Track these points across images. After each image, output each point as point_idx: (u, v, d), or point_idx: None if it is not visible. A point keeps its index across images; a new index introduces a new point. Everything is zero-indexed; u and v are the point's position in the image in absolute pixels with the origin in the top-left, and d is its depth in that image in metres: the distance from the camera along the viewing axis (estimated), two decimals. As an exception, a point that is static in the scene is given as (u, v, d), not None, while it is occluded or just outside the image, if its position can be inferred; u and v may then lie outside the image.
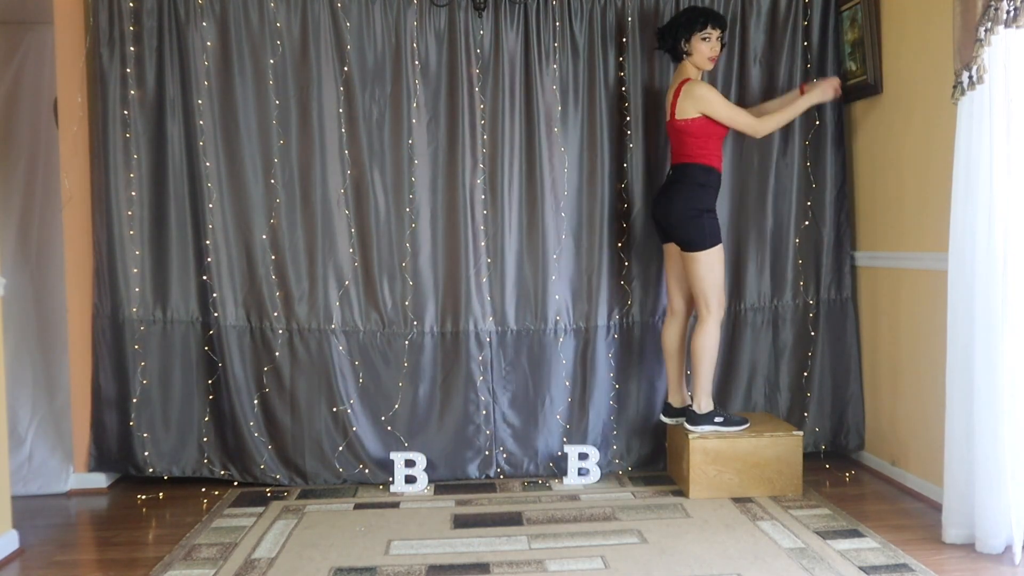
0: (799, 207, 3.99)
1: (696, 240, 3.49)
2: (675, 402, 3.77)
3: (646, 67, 3.91)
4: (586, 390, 3.90)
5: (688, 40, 3.52)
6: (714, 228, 3.52)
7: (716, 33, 3.52)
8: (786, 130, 3.96)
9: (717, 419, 3.57)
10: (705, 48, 3.51)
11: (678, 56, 3.59)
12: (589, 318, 3.91)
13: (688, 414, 3.61)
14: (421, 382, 3.85)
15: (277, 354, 3.78)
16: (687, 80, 3.52)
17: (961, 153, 2.90)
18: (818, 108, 3.97)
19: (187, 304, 3.78)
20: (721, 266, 3.55)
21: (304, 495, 3.67)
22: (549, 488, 3.73)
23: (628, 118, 3.89)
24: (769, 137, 3.97)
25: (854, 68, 3.90)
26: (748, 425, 3.59)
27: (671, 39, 3.56)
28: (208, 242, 3.73)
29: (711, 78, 3.93)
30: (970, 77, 2.83)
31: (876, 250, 3.86)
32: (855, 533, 3.10)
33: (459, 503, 3.54)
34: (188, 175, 3.75)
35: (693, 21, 3.51)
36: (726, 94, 3.95)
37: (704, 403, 3.58)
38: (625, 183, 3.91)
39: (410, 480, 3.70)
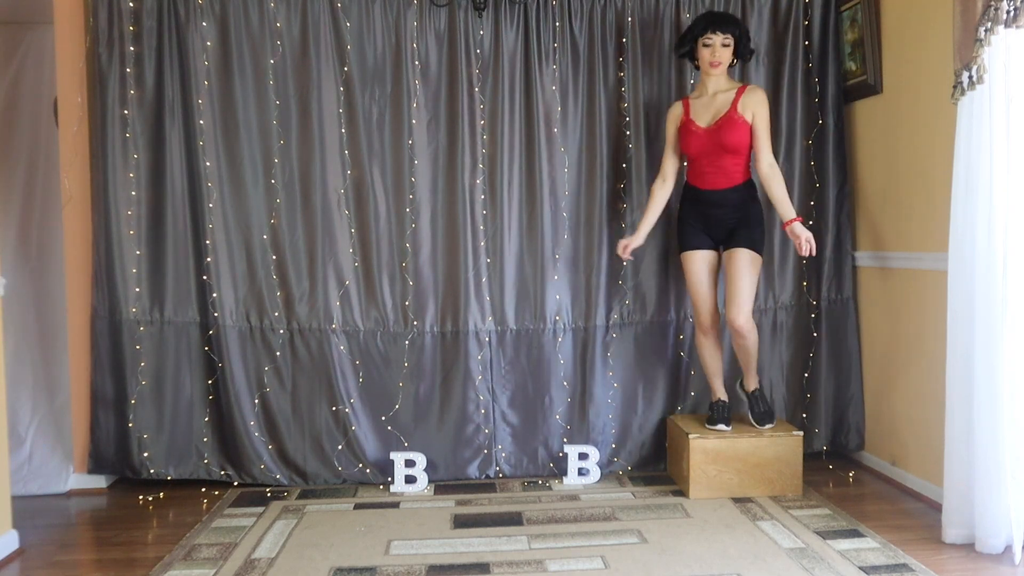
0: (802, 207, 3.99)
1: (761, 240, 3.57)
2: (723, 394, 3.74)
3: (646, 67, 3.91)
4: (585, 390, 3.90)
5: (695, 47, 3.49)
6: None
7: (719, 38, 3.44)
8: (789, 130, 3.97)
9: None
10: (705, 54, 3.47)
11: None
12: (588, 318, 3.91)
13: (750, 399, 3.70)
14: (421, 382, 3.85)
15: (277, 354, 3.78)
16: (743, 88, 3.50)
17: (961, 153, 2.90)
18: (820, 108, 3.97)
19: (187, 304, 3.77)
20: None
21: (304, 495, 3.67)
22: (549, 488, 3.73)
23: (627, 118, 3.89)
24: (771, 136, 3.95)
25: (854, 68, 3.90)
26: (728, 428, 3.65)
27: (686, 47, 3.53)
28: (208, 242, 3.73)
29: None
30: (970, 77, 2.83)
31: (877, 250, 3.86)
32: (855, 533, 3.10)
33: (459, 503, 3.54)
34: (188, 175, 3.75)
35: (694, 26, 3.49)
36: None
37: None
38: (624, 183, 3.91)
39: (410, 480, 3.70)
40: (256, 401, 3.77)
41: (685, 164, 3.71)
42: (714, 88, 3.51)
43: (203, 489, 3.74)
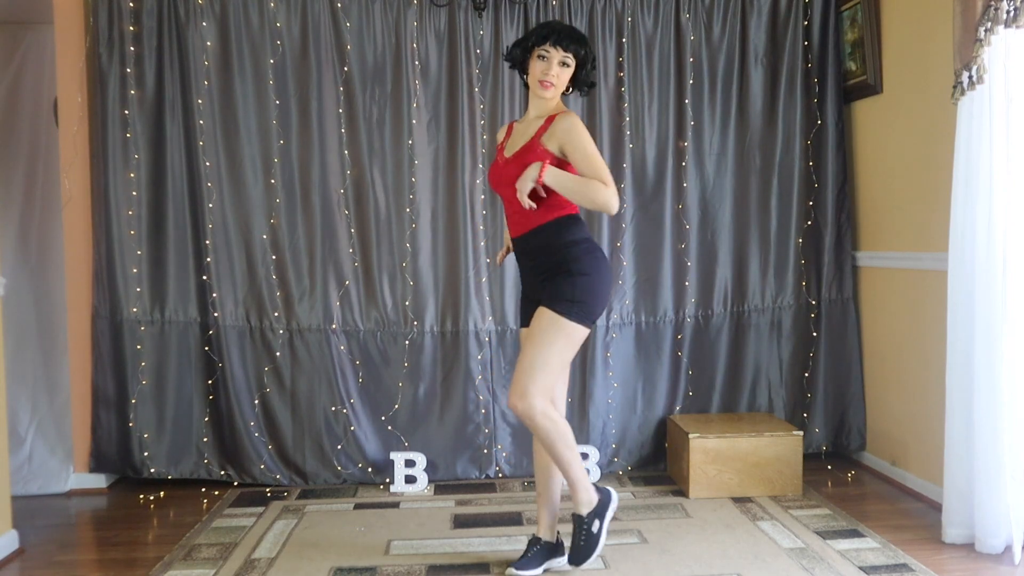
0: (801, 207, 3.99)
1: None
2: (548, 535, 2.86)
3: (646, 67, 3.90)
4: (585, 390, 3.90)
5: (528, 57, 2.67)
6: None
7: (558, 54, 2.61)
8: (787, 130, 3.97)
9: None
10: (536, 68, 2.63)
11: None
12: (589, 318, 3.90)
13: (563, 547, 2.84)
14: (421, 382, 3.85)
15: (278, 354, 3.78)
16: (554, 116, 2.67)
17: (961, 153, 2.90)
18: (819, 108, 3.97)
19: (187, 304, 3.78)
20: None
21: (304, 495, 3.67)
22: (549, 488, 3.73)
23: (627, 118, 3.89)
24: (771, 137, 3.98)
25: (854, 68, 3.90)
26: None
27: (517, 55, 2.71)
28: (208, 242, 3.73)
29: (711, 80, 3.93)
30: (970, 77, 2.84)
31: (878, 250, 3.86)
32: (855, 533, 3.10)
33: (459, 503, 3.54)
34: (188, 175, 3.75)
35: (532, 32, 2.69)
36: (726, 95, 3.96)
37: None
38: (624, 183, 3.91)
39: (410, 480, 3.70)
40: (256, 401, 3.78)
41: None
42: (537, 111, 2.72)
43: (203, 489, 3.74)
